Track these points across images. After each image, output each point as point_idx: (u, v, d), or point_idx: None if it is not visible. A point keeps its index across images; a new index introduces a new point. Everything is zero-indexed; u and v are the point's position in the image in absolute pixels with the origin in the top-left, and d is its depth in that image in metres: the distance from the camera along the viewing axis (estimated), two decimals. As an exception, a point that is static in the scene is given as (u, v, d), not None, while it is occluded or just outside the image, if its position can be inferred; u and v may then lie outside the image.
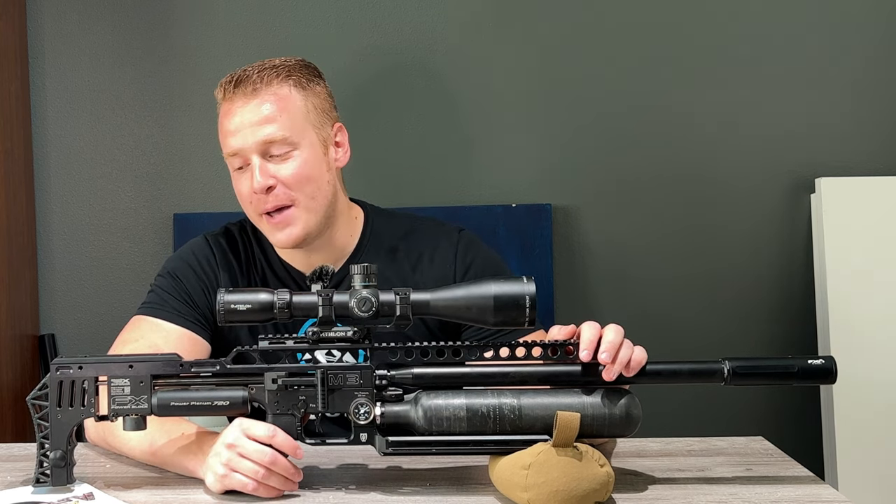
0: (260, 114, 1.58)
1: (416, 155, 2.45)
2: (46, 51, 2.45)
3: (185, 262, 1.68)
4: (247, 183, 1.60)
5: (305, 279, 1.65)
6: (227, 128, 1.60)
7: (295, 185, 1.59)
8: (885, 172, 2.43)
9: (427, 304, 1.30)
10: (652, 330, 2.46)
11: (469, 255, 1.69)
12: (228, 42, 2.45)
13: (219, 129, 1.64)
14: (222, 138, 1.62)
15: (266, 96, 1.59)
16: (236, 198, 1.65)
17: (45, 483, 1.30)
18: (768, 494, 1.28)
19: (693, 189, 2.48)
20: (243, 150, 1.59)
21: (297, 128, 1.60)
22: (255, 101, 1.59)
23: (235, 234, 1.73)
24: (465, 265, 1.68)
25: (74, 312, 2.49)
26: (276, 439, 1.29)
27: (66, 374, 1.30)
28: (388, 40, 2.45)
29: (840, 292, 2.35)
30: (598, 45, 2.46)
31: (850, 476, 2.31)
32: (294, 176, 1.59)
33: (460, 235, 1.72)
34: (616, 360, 1.27)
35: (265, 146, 1.58)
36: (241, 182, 1.62)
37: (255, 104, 1.59)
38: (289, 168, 1.59)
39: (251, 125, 1.58)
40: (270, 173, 1.58)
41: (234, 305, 1.29)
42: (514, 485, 1.23)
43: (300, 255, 1.67)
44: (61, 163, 2.47)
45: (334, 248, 1.68)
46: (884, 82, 2.46)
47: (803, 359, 1.30)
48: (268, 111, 1.58)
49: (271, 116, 1.58)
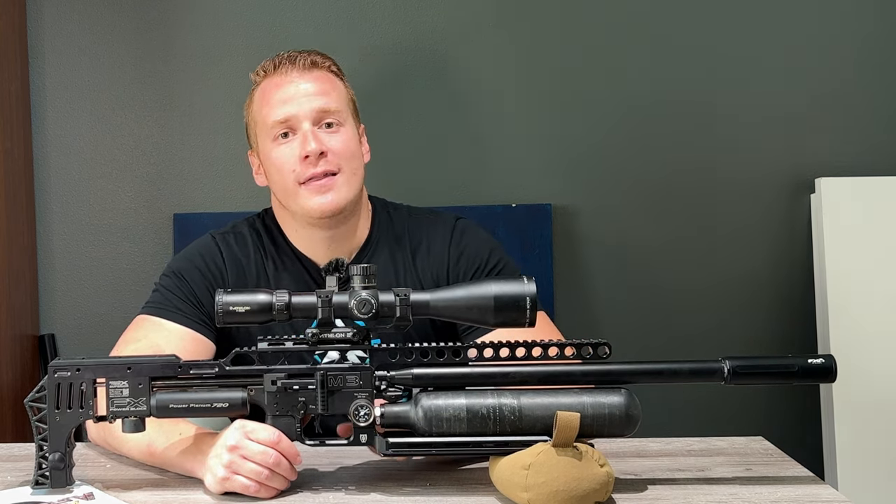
0: (317, 85, 1.66)
1: (416, 155, 2.45)
2: (46, 51, 2.45)
3: (190, 262, 1.68)
4: (293, 150, 1.63)
5: (320, 271, 1.66)
6: (279, 96, 1.65)
7: (343, 155, 1.64)
8: (885, 172, 2.43)
9: (427, 304, 1.30)
10: (652, 329, 2.47)
11: (463, 241, 1.72)
12: (229, 42, 2.45)
13: (259, 103, 1.68)
14: (268, 108, 1.65)
15: (321, 72, 1.68)
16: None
17: (44, 485, 1.30)
18: (768, 494, 1.28)
19: (693, 189, 2.48)
20: (297, 117, 1.63)
21: (343, 108, 1.68)
22: (313, 74, 1.67)
23: (245, 231, 1.73)
24: (459, 250, 1.70)
25: (74, 312, 2.49)
26: (281, 445, 1.29)
27: (64, 377, 1.30)
28: (388, 40, 2.45)
29: (840, 292, 2.35)
30: (598, 46, 2.46)
31: (850, 476, 2.31)
32: (343, 147, 1.65)
33: (456, 223, 1.75)
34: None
35: (320, 114, 1.64)
36: (284, 150, 1.64)
37: (312, 76, 1.67)
38: (338, 139, 1.65)
39: (307, 94, 1.64)
40: (323, 141, 1.63)
41: (233, 307, 1.29)
42: (514, 485, 1.23)
43: (321, 245, 1.68)
44: (61, 163, 2.47)
45: (353, 238, 1.70)
46: (884, 82, 2.46)
47: (803, 358, 1.30)
48: (324, 83, 1.67)
49: (327, 89, 1.66)
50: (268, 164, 1.67)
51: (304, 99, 1.64)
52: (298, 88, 1.65)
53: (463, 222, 1.76)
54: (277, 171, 1.65)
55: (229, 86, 2.45)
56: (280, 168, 1.64)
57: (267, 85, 1.68)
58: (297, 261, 1.70)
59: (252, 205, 2.40)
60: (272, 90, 1.66)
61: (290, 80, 1.65)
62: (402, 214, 1.77)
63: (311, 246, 1.69)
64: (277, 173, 1.65)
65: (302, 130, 1.63)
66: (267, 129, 1.65)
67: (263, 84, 1.69)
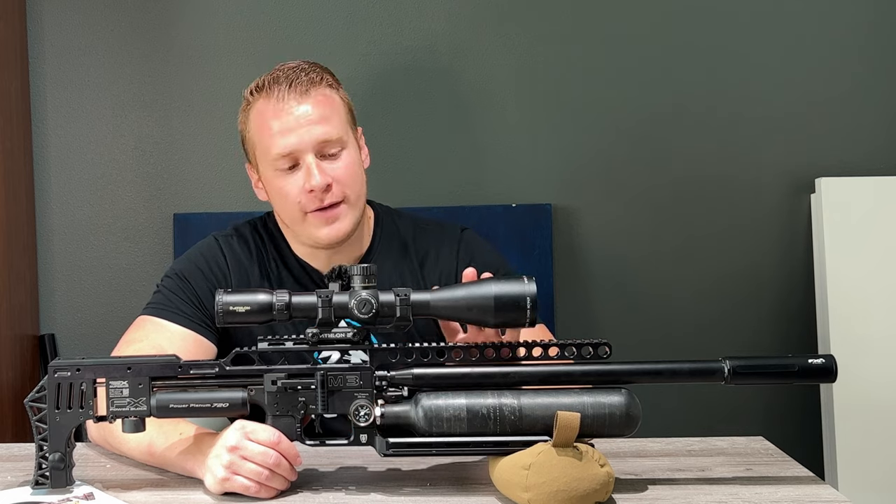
0: (315, 113, 1.60)
1: (416, 155, 2.45)
2: (46, 51, 2.45)
3: (192, 263, 1.68)
4: (297, 182, 1.60)
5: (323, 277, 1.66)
6: (278, 127, 1.60)
7: (348, 182, 1.62)
8: (885, 172, 2.43)
9: (427, 304, 1.30)
10: (652, 329, 2.47)
11: (469, 253, 1.72)
12: (229, 42, 2.45)
13: (257, 127, 1.64)
14: (268, 139, 1.61)
15: (318, 97, 1.62)
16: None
17: (44, 485, 1.30)
18: (768, 494, 1.28)
19: (693, 189, 2.48)
20: (299, 150, 1.60)
21: (343, 128, 1.64)
22: (309, 102, 1.61)
23: (247, 234, 1.72)
24: (469, 256, 1.70)
25: (74, 312, 2.49)
26: (281, 445, 1.29)
27: (64, 377, 1.30)
28: (389, 41, 2.45)
29: (840, 292, 2.35)
30: (598, 46, 2.46)
31: (850, 476, 2.31)
32: (347, 174, 1.62)
33: (462, 234, 1.75)
34: None
35: (321, 145, 1.60)
36: (289, 181, 1.61)
37: (309, 104, 1.61)
38: (341, 166, 1.62)
39: (307, 124, 1.60)
40: (326, 172, 1.60)
41: (233, 307, 1.29)
42: (514, 485, 1.23)
43: (323, 253, 1.68)
44: (61, 163, 2.47)
45: (356, 248, 1.70)
46: (884, 82, 2.46)
47: (803, 358, 1.30)
48: (322, 111, 1.61)
49: (325, 116, 1.61)
50: (272, 191, 1.66)
51: (304, 130, 1.59)
52: (298, 119, 1.60)
53: (469, 233, 1.77)
54: (282, 199, 1.63)
55: (229, 85, 2.44)
56: (284, 198, 1.63)
57: (264, 108, 1.63)
58: (298, 266, 1.70)
59: (252, 205, 2.40)
60: (270, 118, 1.61)
61: (288, 109, 1.60)
62: (406, 223, 1.77)
63: (313, 257, 1.70)
64: (282, 201, 1.64)
65: (305, 163, 1.60)
66: (269, 159, 1.62)
67: (260, 106, 1.64)
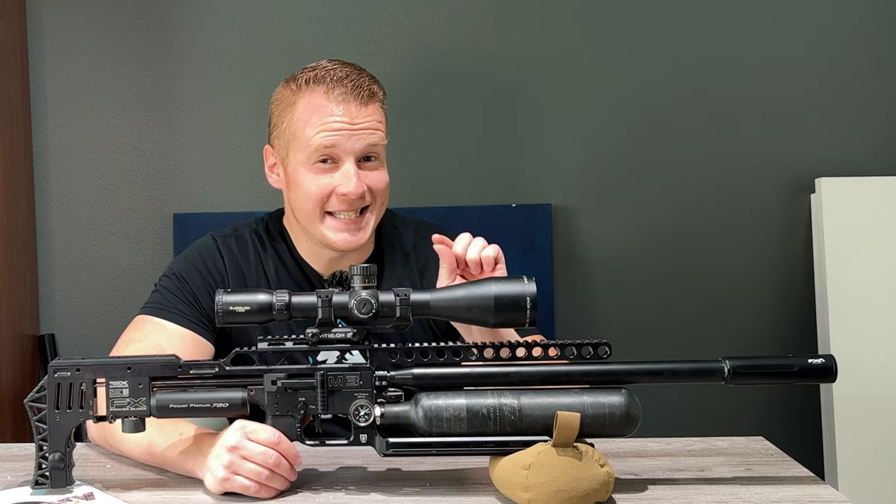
0: (370, 120, 1.61)
1: (416, 155, 2.45)
2: (46, 51, 2.45)
3: (190, 263, 1.68)
4: (330, 181, 1.60)
5: (324, 281, 1.66)
6: (331, 123, 1.59)
7: (380, 193, 1.64)
8: (885, 172, 2.43)
9: (427, 304, 1.30)
10: (652, 329, 2.47)
11: None
12: (229, 42, 2.45)
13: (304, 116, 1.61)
14: (313, 128, 1.59)
15: (374, 109, 1.63)
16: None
17: (44, 485, 1.30)
18: (768, 494, 1.28)
19: (693, 189, 2.48)
20: (343, 149, 1.59)
21: (385, 142, 1.65)
22: (367, 110, 1.61)
23: (246, 235, 1.72)
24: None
25: (74, 312, 2.49)
26: (281, 445, 1.29)
27: (64, 377, 1.30)
28: (388, 41, 2.45)
29: (840, 292, 2.35)
30: (599, 46, 2.46)
31: (850, 476, 2.31)
32: (381, 185, 1.64)
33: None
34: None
35: (366, 150, 1.61)
36: (320, 178, 1.60)
37: (368, 111, 1.61)
38: (377, 177, 1.63)
39: (360, 129, 1.60)
40: (363, 179, 1.60)
41: (233, 307, 1.29)
42: (514, 485, 1.23)
43: (327, 255, 1.67)
44: (61, 163, 2.47)
45: (361, 251, 1.69)
46: (884, 82, 2.46)
47: (803, 358, 1.30)
48: (375, 119, 1.62)
49: (377, 123, 1.62)
50: (295, 181, 1.63)
51: (354, 134, 1.59)
52: (354, 121, 1.59)
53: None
54: (306, 193, 1.62)
55: (230, 85, 2.45)
56: (309, 193, 1.61)
57: (320, 101, 1.60)
58: (299, 268, 1.70)
59: (252, 205, 2.40)
60: (323, 112, 1.59)
61: (347, 110, 1.59)
62: (408, 230, 1.76)
63: (316, 258, 1.69)
64: (305, 195, 1.62)
65: (344, 166, 1.60)
66: (307, 150, 1.60)
67: (316, 98, 1.61)
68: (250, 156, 2.38)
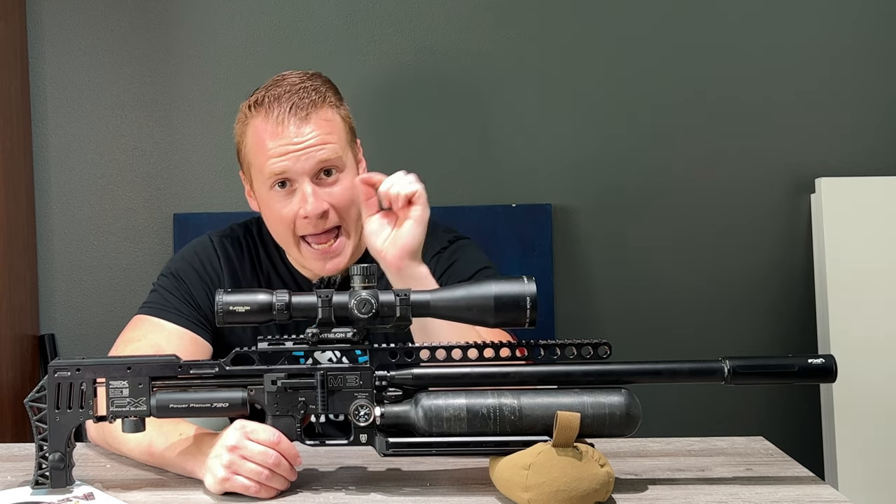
0: (315, 138, 1.56)
1: (416, 155, 2.45)
2: (46, 51, 2.45)
3: (187, 263, 1.69)
4: (291, 207, 1.58)
5: (312, 286, 1.66)
6: (275, 148, 1.56)
7: (345, 208, 1.59)
8: (885, 172, 2.43)
9: (427, 304, 1.30)
10: (652, 329, 2.47)
11: (454, 257, 1.68)
12: (229, 42, 2.45)
13: (254, 145, 1.60)
14: (264, 158, 1.57)
15: (318, 121, 1.57)
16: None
17: (44, 485, 1.30)
18: (768, 494, 1.28)
19: (693, 189, 2.48)
20: (294, 174, 1.56)
21: (342, 149, 1.60)
22: (309, 126, 1.57)
23: (240, 235, 1.72)
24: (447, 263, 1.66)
25: (74, 312, 2.49)
26: (281, 445, 1.29)
27: (64, 377, 1.30)
28: (389, 41, 2.45)
29: (840, 292, 2.35)
30: (598, 46, 2.46)
31: (850, 476, 2.31)
32: (344, 199, 1.59)
33: (453, 242, 1.71)
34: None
35: (319, 166, 1.57)
36: (282, 203, 1.58)
37: (309, 128, 1.56)
38: (338, 192, 1.59)
39: (305, 149, 1.56)
40: (322, 197, 1.57)
41: (233, 307, 1.29)
42: (514, 485, 1.23)
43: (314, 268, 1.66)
44: (61, 163, 2.47)
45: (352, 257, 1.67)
46: (884, 82, 2.46)
47: (803, 358, 1.30)
48: (322, 135, 1.57)
49: (325, 137, 1.57)
50: (264, 207, 1.63)
51: (302, 154, 1.56)
52: (297, 142, 1.56)
53: (460, 242, 1.72)
54: (275, 220, 1.61)
55: (229, 85, 2.45)
56: (276, 219, 1.60)
57: (262, 127, 1.58)
58: (289, 274, 1.70)
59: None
60: (267, 138, 1.57)
61: (286, 133, 1.56)
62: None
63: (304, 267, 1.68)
64: (274, 222, 1.62)
65: (301, 188, 1.57)
66: (261, 175, 1.59)
67: (258, 123, 1.59)
68: (250, 156, 2.38)
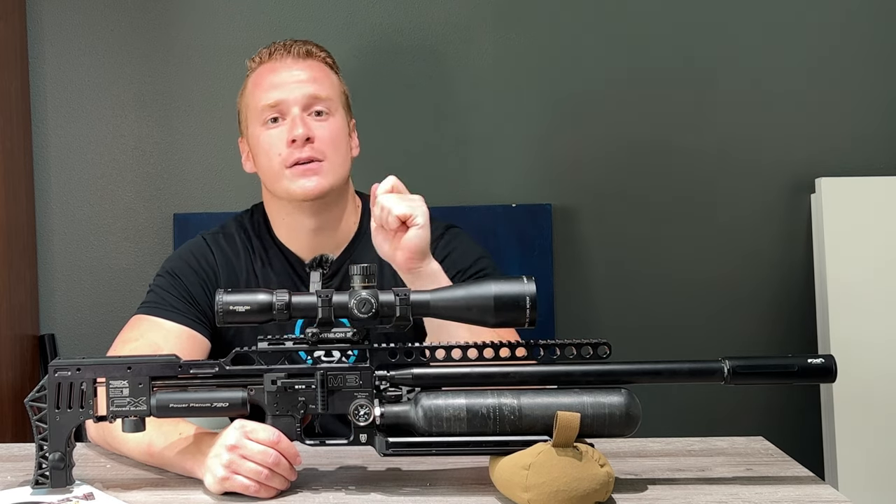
0: (309, 73, 1.69)
1: (416, 155, 2.45)
2: (46, 51, 2.45)
3: (183, 261, 1.70)
4: (280, 134, 1.65)
5: (305, 266, 1.67)
6: (272, 81, 1.68)
7: (329, 144, 1.67)
8: (885, 172, 2.43)
9: (427, 304, 1.30)
10: (652, 329, 2.47)
11: (450, 245, 1.71)
12: (229, 42, 2.45)
13: (252, 88, 1.71)
14: (260, 92, 1.68)
15: (315, 62, 1.71)
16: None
17: (44, 485, 1.30)
18: (768, 494, 1.28)
19: (693, 189, 2.48)
20: (287, 102, 1.66)
21: (334, 98, 1.71)
22: (307, 63, 1.69)
23: (233, 230, 1.75)
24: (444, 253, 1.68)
25: (74, 312, 2.49)
26: (281, 445, 1.29)
27: (65, 376, 1.30)
28: (388, 41, 2.45)
29: (840, 292, 2.35)
30: (598, 46, 2.46)
31: (850, 476, 2.31)
32: (330, 136, 1.67)
33: (447, 230, 1.74)
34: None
35: (310, 100, 1.66)
36: (272, 133, 1.67)
37: (305, 65, 1.69)
38: (326, 127, 1.67)
39: (299, 81, 1.67)
40: (311, 127, 1.65)
41: (233, 307, 1.29)
42: (514, 485, 1.23)
43: (306, 236, 1.69)
44: (61, 163, 2.47)
45: (339, 232, 1.71)
46: (884, 83, 2.46)
47: (803, 358, 1.30)
48: (316, 72, 1.69)
49: (319, 77, 1.69)
50: (256, 148, 1.70)
51: (295, 85, 1.67)
52: (291, 74, 1.68)
53: (454, 230, 1.75)
54: (265, 154, 1.67)
55: (229, 85, 2.44)
56: (267, 151, 1.67)
57: (261, 71, 1.71)
58: (281, 255, 1.71)
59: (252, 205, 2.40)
60: (265, 75, 1.69)
61: (283, 66, 1.69)
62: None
63: (296, 238, 1.71)
64: (265, 156, 1.68)
65: (291, 115, 1.66)
66: (257, 112, 1.68)
67: (258, 70, 1.71)
68: (250, 156, 2.38)
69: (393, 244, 1.48)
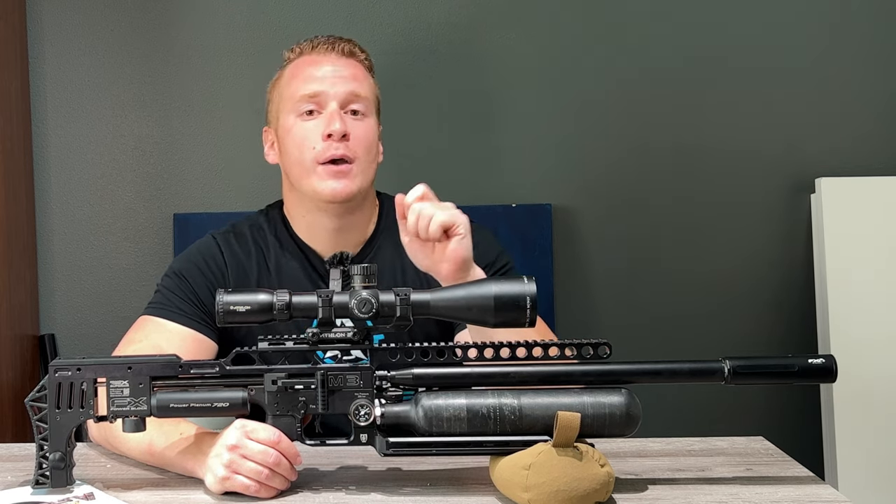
0: (351, 70, 1.68)
1: (415, 155, 2.45)
2: (46, 51, 2.45)
3: (191, 262, 1.69)
4: (316, 127, 1.64)
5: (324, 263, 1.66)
6: (313, 73, 1.67)
7: (363, 144, 1.66)
8: (885, 172, 2.43)
9: (427, 304, 1.30)
10: (652, 329, 2.47)
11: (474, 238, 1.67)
12: (229, 42, 2.45)
13: (289, 77, 1.69)
14: (298, 82, 1.67)
15: (356, 64, 1.71)
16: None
17: (44, 485, 1.30)
18: (768, 494, 1.28)
19: (693, 189, 2.48)
20: (326, 95, 1.65)
21: (370, 100, 1.70)
22: (349, 61, 1.69)
23: (244, 230, 1.73)
24: None
25: (74, 312, 2.49)
26: (281, 444, 1.29)
27: (65, 376, 1.30)
28: (389, 41, 2.45)
29: (840, 292, 2.36)
30: (598, 46, 2.46)
31: (850, 476, 2.31)
32: (365, 136, 1.67)
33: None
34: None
35: (350, 97, 1.66)
36: (307, 125, 1.65)
37: (348, 62, 1.69)
38: (362, 127, 1.67)
39: (341, 77, 1.67)
40: (347, 125, 1.64)
41: (234, 307, 1.29)
42: (514, 485, 1.23)
43: (326, 235, 1.69)
44: (61, 163, 2.47)
45: (359, 231, 1.71)
46: (883, 83, 2.46)
47: (803, 358, 1.30)
48: (358, 71, 1.70)
49: (360, 77, 1.69)
50: (287, 138, 1.67)
51: (337, 80, 1.66)
52: (334, 69, 1.67)
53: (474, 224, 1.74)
54: (297, 146, 1.65)
55: (230, 85, 2.45)
56: (300, 143, 1.65)
57: (301, 62, 1.70)
58: (300, 252, 1.70)
59: (252, 205, 2.39)
60: (306, 66, 1.68)
61: (327, 60, 1.68)
62: None
63: (316, 236, 1.70)
64: (296, 148, 1.65)
65: (328, 110, 1.64)
66: (293, 102, 1.67)
67: (297, 61, 1.71)
68: (250, 156, 2.38)
69: (435, 256, 1.45)
